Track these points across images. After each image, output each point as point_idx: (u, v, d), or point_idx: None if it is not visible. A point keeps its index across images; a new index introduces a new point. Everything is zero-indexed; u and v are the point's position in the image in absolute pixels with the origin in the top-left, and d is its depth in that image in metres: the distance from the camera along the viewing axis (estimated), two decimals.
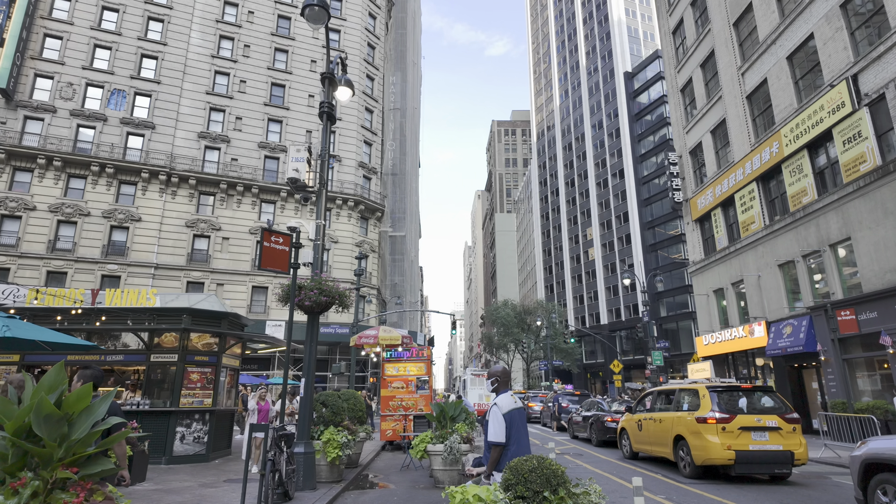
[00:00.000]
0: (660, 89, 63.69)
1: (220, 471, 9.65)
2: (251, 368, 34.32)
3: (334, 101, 9.60)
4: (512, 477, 3.47)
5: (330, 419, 8.53)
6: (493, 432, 4.19)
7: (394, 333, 13.84)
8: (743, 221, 20.71)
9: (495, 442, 4.16)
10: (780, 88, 18.75)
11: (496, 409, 4.27)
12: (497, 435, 4.15)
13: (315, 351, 8.07)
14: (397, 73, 47.10)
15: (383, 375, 14.47)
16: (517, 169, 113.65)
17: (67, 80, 34.98)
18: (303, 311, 8.18)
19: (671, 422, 10.77)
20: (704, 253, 24.01)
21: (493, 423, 4.23)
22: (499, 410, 4.25)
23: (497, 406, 4.30)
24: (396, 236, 43.52)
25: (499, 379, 4.51)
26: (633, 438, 12.62)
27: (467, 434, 8.32)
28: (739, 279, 21.05)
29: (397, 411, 14.06)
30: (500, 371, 4.53)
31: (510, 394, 4.42)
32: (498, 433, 4.16)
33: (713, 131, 23.19)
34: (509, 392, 4.45)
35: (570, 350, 53.24)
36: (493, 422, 4.23)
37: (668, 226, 59.96)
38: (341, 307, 8.47)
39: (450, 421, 8.44)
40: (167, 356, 10.40)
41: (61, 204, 32.94)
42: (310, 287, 7.95)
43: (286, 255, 7.67)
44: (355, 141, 41.49)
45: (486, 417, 4.38)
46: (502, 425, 4.17)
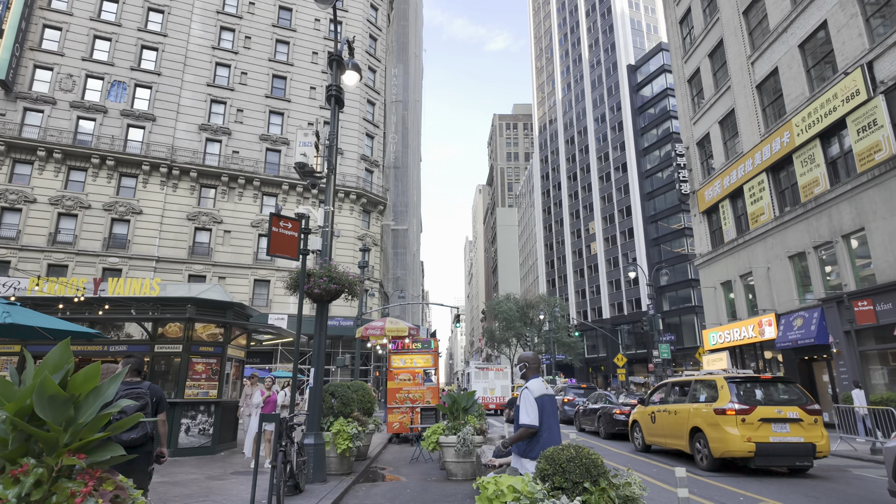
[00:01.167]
0: (663, 82, 63.25)
1: (227, 463, 9.45)
2: (254, 361, 34.16)
3: (342, 84, 9.32)
4: (548, 467, 3.24)
5: (340, 410, 8.32)
6: (526, 414, 3.97)
7: (401, 325, 13.61)
8: (752, 213, 20.45)
9: (528, 424, 3.95)
10: (791, 77, 18.43)
11: (528, 393, 4.06)
12: (531, 418, 3.94)
13: (324, 340, 7.84)
14: (399, 65, 46.70)
15: (390, 367, 14.26)
16: (519, 163, 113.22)
17: (67, 72, 34.63)
18: (312, 300, 7.95)
19: (687, 414, 10.56)
20: (712, 245, 23.76)
21: (525, 405, 4.02)
22: (531, 394, 4.04)
23: (528, 390, 4.08)
24: (399, 230, 43.26)
25: (528, 364, 4.29)
26: (645, 431, 12.41)
27: (480, 426, 8.10)
28: (748, 271, 20.81)
29: (404, 403, 13.86)
30: (530, 357, 4.31)
31: (541, 380, 4.19)
32: (531, 416, 3.94)
33: (721, 122, 22.88)
34: (539, 378, 4.22)
35: (572, 344, 53.05)
36: (526, 404, 4.01)
37: (671, 220, 59.67)
38: (350, 295, 8.24)
39: (462, 412, 8.22)
40: (171, 347, 10.17)
41: (62, 196, 32.67)
42: (319, 274, 7.71)
43: (295, 241, 7.42)
44: (357, 133, 41.16)
45: (517, 402, 4.16)
46: (535, 408, 3.96)
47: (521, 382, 4.30)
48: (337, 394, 8.43)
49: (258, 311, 33.19)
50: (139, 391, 4.38)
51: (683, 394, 11.73)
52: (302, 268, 7.52)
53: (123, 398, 4.20)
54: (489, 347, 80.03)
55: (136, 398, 4.30)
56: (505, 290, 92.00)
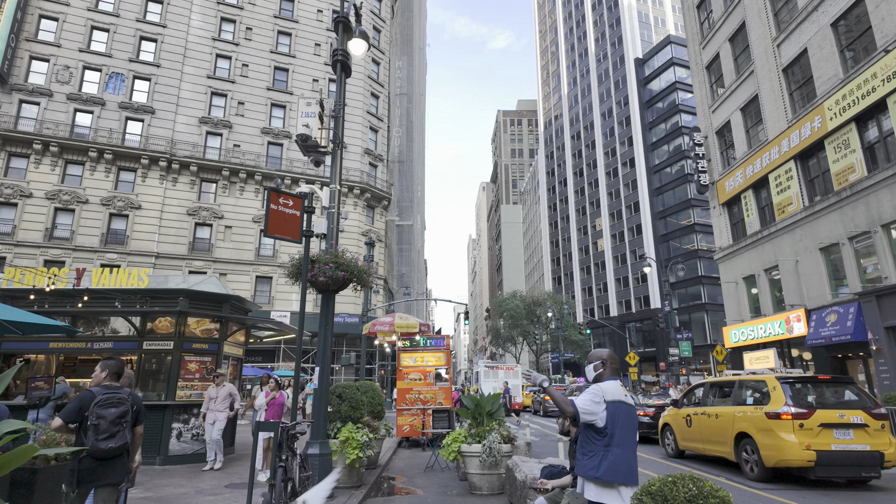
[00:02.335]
0: (672, 76, 62.08)
1: (222, 473, 8.50)
2: (255, 360, 33.30)
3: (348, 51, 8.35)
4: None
5: (348, 414, 7.36)
6: (582, 403, 3.11)
7: (411, 321, 12.65)
8: (778, 203, 19.40)
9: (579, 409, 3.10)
10: (822, 59, 17.37)
11: (598, 390, 3.12)
12: (585, 407, 3.09)
13: (330, 335, 6.88)
14: (403, 57, 45.70)
15: (399, 366, 13.31)
16: (523, 160, 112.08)
17: (64, 63, 33.77)
18: (316, 289, 6.99)
19: (731, 417, 9.57)
20: (733, 238, 22.71)
21: (588, 397, 3.14)
22: (601, 392, 3.10)
23: (602, 389, 3.13)
24: (403, 225, 42.30)
25: (605, 363, 3.32)
26: (679, 435, 11.42)
27: (508, 432, 7.12)
28: (773, 265, 19.77)
29: (415, 405, 12.91)
30: (606, 354, 3.35)
31: (619, 384, 3.23)
32: (587, 407, 3.10)
33: (743, 109, 21.83)
34: (618, 381, 3.25)
35: (580, 342, 52.04)
36: (590, 396, 3.14)
37: (681, 216, 58.55)
38: (359, 285, 7.28)
39: (486, 417, 7.24)
40: (162, 343, 9.24)
41: (58, 191, 31.82)
42: (324, 260, 6.75)
43: (297, 221, 6.46)
44: (361, 127, 40.20)
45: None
46: (599, 407, 3.08)
47: None
48: (345, 396, 7.47)
49: (260, 309, 32.40)
50: (120, 397, 4.00)
51: (724, 395, 10.76)
52: (305, 251, 6.56)
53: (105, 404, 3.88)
54: (494, 346, 79.03)
55: (117, 404, 3.93)
56: (509, 287, 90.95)
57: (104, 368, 4.13)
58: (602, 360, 3.33)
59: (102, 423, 3.77)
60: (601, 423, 3.03)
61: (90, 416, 3.78)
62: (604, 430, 3.03)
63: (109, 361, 4.18)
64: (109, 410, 3.85)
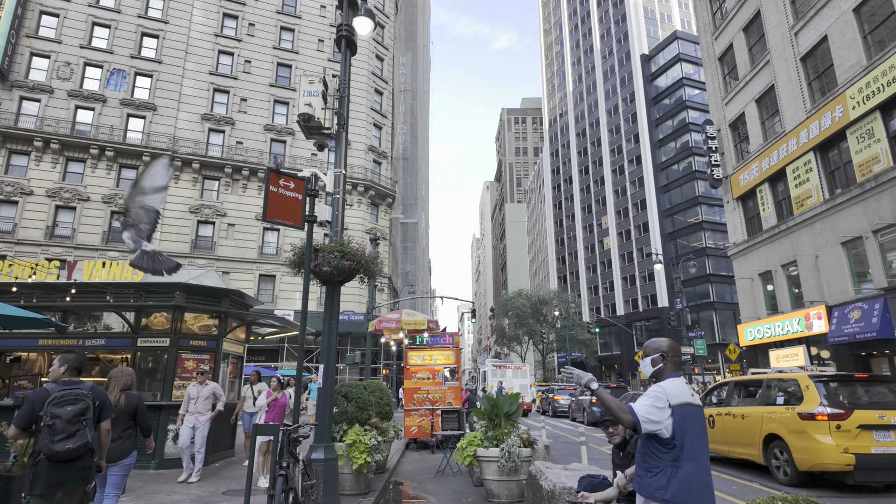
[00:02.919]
0: (678, 72, 61.37)
1: (220, 478, 8.01)
2: (258, 360, 32.86)
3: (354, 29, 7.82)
4: None
5: (354, 416, 6.85)
6: (642, 408, 2.59)
7: (419, 317, 12.13)
8: (796, 196, 18.78)
9: (637, 416, 2.57)
10: (843, 46, 16.75)
11: (660, 391, 2.60)
12: (647, 414, 2.56)
13: (336, 330, 6.37)
14: (407, 53, 45.19)
15: (406, 365, 12.80)
16: (528, 158, 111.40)
17: (65, 60, 33.43)
18: (320, 281, 6.48)
19: (759, 418, 9.02)
20: (748, 233, 22.09)
21: (649, 400, 2.62)
22: (665, 395, 2.58)
23: (664, 390, 2.61)
24: (408, 223, 41.79)
25: (665, 354, 2.80)
26: None
27: (528, 435, 6.59)
28: (791, 260, 19.15)
29: (423, 405, 12.40)
30: (666, 345, 2.82)
31: (683, 381, 2.71)
32: (649, 414, 2.56)
33: (759, 100, 21.21)
34: (681, 378, 2.73)
35: (587, 341, 51.41)
36: (651, 400, 2.61)
37: (688, 213, 57.84)
38: (366, 276, 6.77)
39: (505, 419, 6.72)
40: (157, 340, 8.75)
41: (59, 188, 31.49)
42: (329, 249, 6.24)
43: (298, 205, 5.95)
44: (364, 123, 39.71)
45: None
46: (664, 414, 2.56)
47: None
48: (351, 396, 6.96)
49: (262, 306, 31.98)
50: (77, 393, 3.61)
51: (750, 395, 10.22)
52: (308, 238, 6.05)
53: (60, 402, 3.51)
54: (498, 345, 78.42)
55: (74, 401, 3.55)
56: (514, 287, 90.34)
57: (62, 363, 3.76)
58: (662, 351, 2.80)
59: (58, 423, 3.43)
60: (667, 432, 2.51)
61: (44, 415, 3.41)
62: (671, 441, 2.51)
63: (68, 355, 3.80)
64: (65, 409, 3.49)
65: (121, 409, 4.51)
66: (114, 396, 4.53)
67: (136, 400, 4.70)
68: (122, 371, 4.76)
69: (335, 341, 6.36)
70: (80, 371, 3.80)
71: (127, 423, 4.57)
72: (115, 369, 4.79)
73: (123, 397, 4.61)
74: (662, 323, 56.26)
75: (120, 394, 4.60)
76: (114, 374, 4.72)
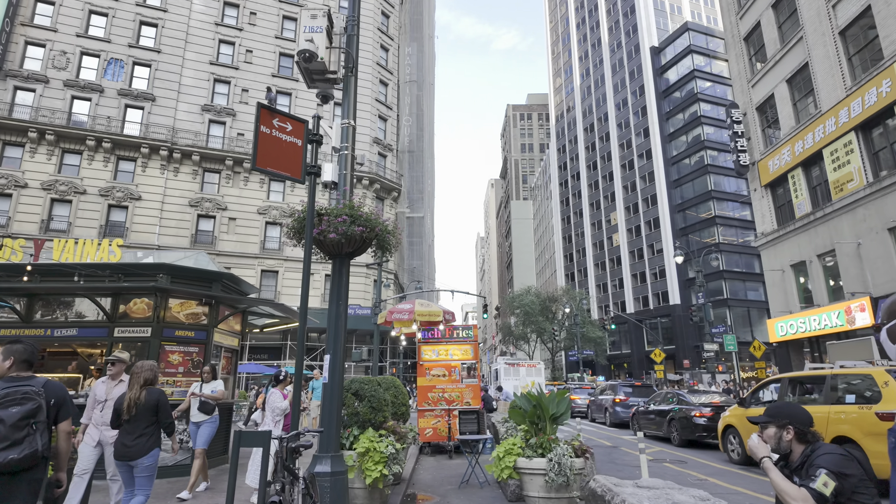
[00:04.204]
0: (689, 63, 59.98)
1: (209, 491, 6.83)
2: (261, 357, 31.76)
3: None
4: None
5: (367, 417, 5.67)
6: None
7: (433, 308, 10.92)
8: (835, 180, 17.49)
9: None
10: (890, 15, 15.46)
11: None
12: None
13: (345, 313, 5.19)
14: (413, 43, 44.00)
15: (420, 361, 11.60)
16: (533, 154, 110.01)
17: (61, 49, 32.40)
18: (325, 252, 5.31)
19: (824, 420, 7.82)
20: (778, 222, 20.80)
21: None
22: None
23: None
24: (414, 217, 40.62)
25: None
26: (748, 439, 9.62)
27: (580, 442, 5.39)
28: (829, 249, 17.86)
29: (438, 405, 11.20)
30: None
31: None
32: None
33: (790, 80, 19.92)
34: None
35: (598, 340, 50.09)
36: None
37: (700, 208, 56.45)
38: (381, 248, 5.58)
39: (550, 423, 5.51)
40: (137, 330, 7.59)
41: (55, 181, 30.44)
42: (336, 212, 5.05)
43: (297, 152, 4.74)
44: (369, 115, 38.55)
45: None
46: None
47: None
48: (364, 394, 5.76)
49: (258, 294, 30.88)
50: (26, 391, 3.07)
51: (806, 392, 9.03)
52: (310, 195, 4.86)
53: (4, 402, 2.99)
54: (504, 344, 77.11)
55: (21, 401, 3.02)
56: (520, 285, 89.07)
57: (7, 355, 3.18)
58: None
59: (0, 429, 2.92)
60: None
61: None
62: None
63: (14, 346, 3.23)
64: (10, 411, 2.97)
65: (141, 406, 4.31)
66: (134, 392, 4.35)
67: (157, 395, 4.45)
68: (143, 365, 4.54)
69: (344, 326, 5.16)
70: (30, 364, 3.23)
71: (148, 421, 4.35)
72: (138, 363, 4.58)
73: (144, 393, 4.38)
74: (675, 321, 54.91)
75: (140, 390, 4.39)
76: (135, 370, 4.50)
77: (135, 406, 4.28)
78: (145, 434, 4.29)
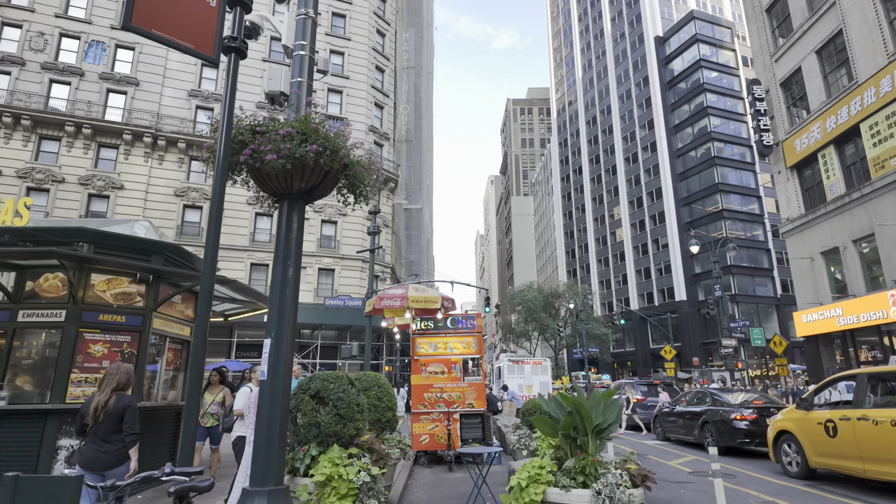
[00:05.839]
0: (695, 53, 58.30)
1: None
2: (249, 356, 30.09)
3: None
4: None
5: (331, 431, 4.02)
6: None
7: (430, 293, 9.26)
8: (875, 157, 15.85)
9: None
10: None
11: None
12: None
13: (295, 278, 3.54)
14: (410, 28, 42.31)
15: (414, 355, 9.95)
16: (534, 150, 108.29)
17: (38, 30, 30.68)
18: (266, 190, 3.68)
19: None
20: (805, 206, 19.16)
21: None
22: None
23: None
24: (412, 209, 38.97)
25: None
26: (811, 448, 7.99)
27: (637, 465, 3.74)
28: (867, 234, 16.23)
29: (436, 406, 9.56)
30: None
31: None
32: None
33: (820, 50, 18.27)
34: None
35: (602, 337, 48.47)
36: None
37: (707, 202, 54.83)
38: (353, 191, 3.94)
39: (594, 437, 3.87)
40: (48, 313, 5.96)
41: (31, 169, 28.74)
42: (274, 128, 3.39)
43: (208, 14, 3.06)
44: (365, 103, 36.89)
45: None
46: None
47: None
48: (327, 397, 4.10)
49: None
50: None
51: (891, 391, 7.39)
52: (229, 83, 3.21)
53: None
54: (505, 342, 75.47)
55: None
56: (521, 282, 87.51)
57: None
58: None
59: None
60: None
61: None
62: None
63: None
64: None
65: (109, 412, 3.94)
66: (103, 396, 3.98)
67: (127, 402, 4.03)
68: (118, 368, 4.17)
69: (293, 299, 3.50)
70: None
71: (115, 428, 3.94)
72: (113, 365, 4.27)
73: (114, 398, 4.00)
74: (681, 317, 53.28)
75: (111, 394, 4.01)
76: (109, 371, 4.15)
77: (102, 412, 3.87)
78: (115, 442, 3.87)
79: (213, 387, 5.99)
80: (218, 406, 5.86)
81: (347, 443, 4.10)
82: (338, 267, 33.29)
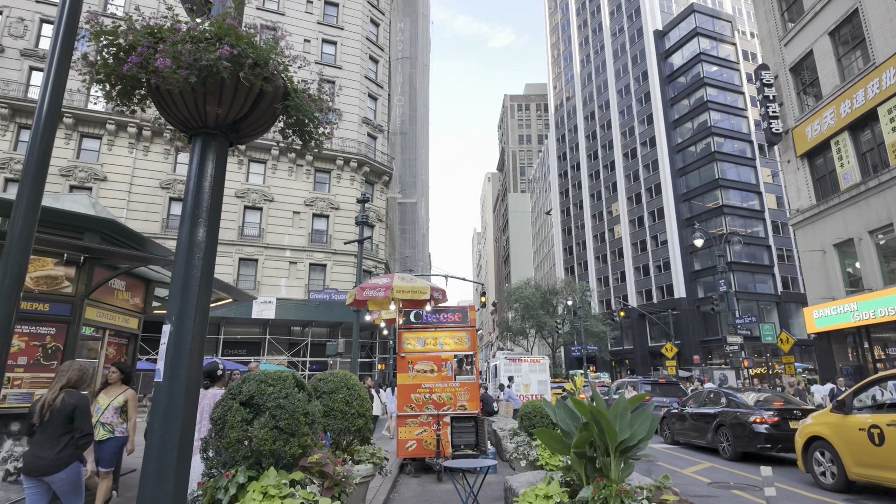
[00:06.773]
0: (695, 47, 57.46)
1: None
2: (238, 353, 29.10)
3: None
4: None
5: (265, 449, 3.02)
6: None
7: (417, 283, 8.27)
8: (893, 143, 14.95)
9: None
10: None
11: None
12: None
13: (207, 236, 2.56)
14: (405, 19, 41.28)
15: (400, 352, 8.99)
16: (531, 146, 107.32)
17: (18, 15, 29.57)
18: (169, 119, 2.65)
19: None
20: (817, 197, 18.26)
21: None
22: None
23: None
24: (406, 203, 37.98)
25: None
26: (851, 457, 7.05)
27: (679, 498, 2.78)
28: (885, 224, 15.34)
29: (424, 409, 8.60)
30: None
31: None
32: None
33: (833, 32, 17.36)
34: None
35: (601, 334, 47.62)
36: None
37: (707, 198, 54.04)
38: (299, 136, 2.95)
39: (617, 458, 2.92)
40: None
41: (9, 159, 27.64)
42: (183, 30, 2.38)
43: None
44: (358, 94, 35.82)
45: None
46: None
47: None
48: (263, 403, 3.08)
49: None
50: None
51: None
52: None
53: None
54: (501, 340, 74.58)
55: None
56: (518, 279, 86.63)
57: None
58: None
59: None
60: None
61: None
62: None
63: None
64: None
65: (55, 411, 3.64)
66: (51, 394, 3.70)
67: (76, 400, 3.72)
68: (70, 365, 3.91)
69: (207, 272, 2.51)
70: None
71: (63, 429, 3.65)
72: (66, 361, 4.08)
73: (62, 396, 3.70)
74: (681, 315, 52.47)
75: (59, 391, 3.72)
76: (62, 367, 3.91)
77: (48, 410, 3.66)
78: (61, 444, 3.64)
79: (113, 387, 4.96)
80: (114, 413, 4.86)
81: (290, 464, 3.11)
82: (329, 262, 32.29)
